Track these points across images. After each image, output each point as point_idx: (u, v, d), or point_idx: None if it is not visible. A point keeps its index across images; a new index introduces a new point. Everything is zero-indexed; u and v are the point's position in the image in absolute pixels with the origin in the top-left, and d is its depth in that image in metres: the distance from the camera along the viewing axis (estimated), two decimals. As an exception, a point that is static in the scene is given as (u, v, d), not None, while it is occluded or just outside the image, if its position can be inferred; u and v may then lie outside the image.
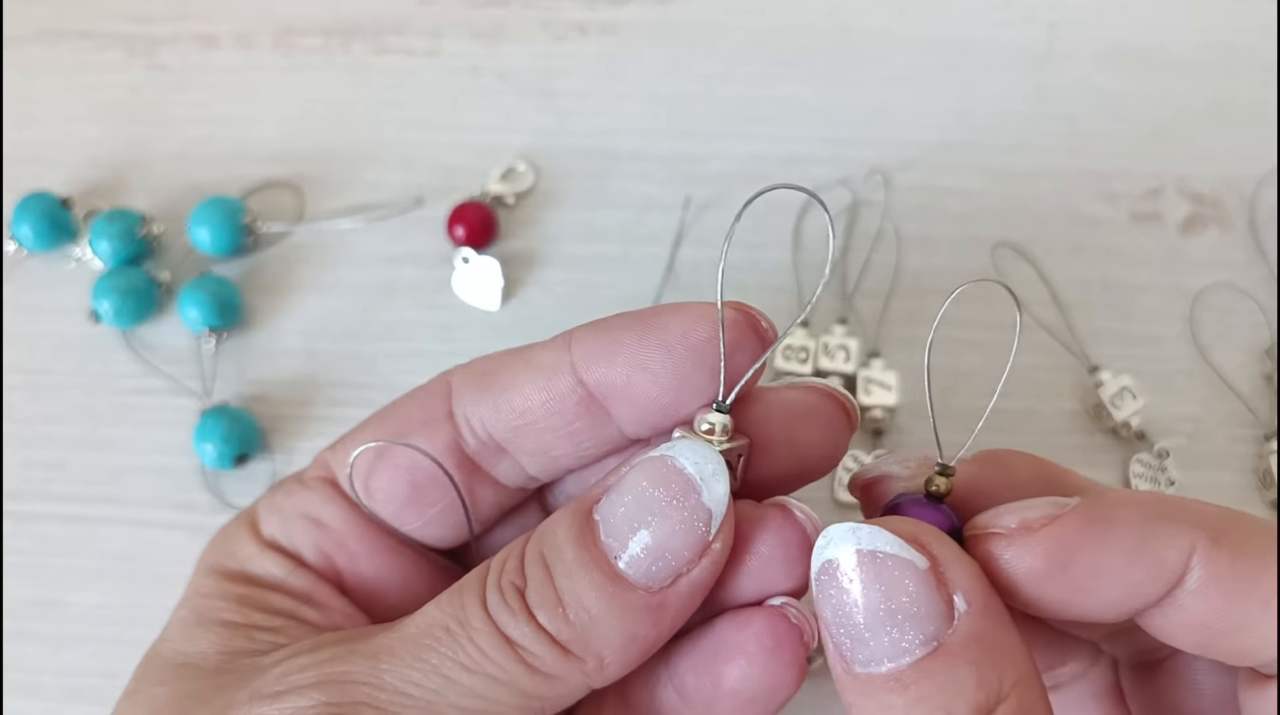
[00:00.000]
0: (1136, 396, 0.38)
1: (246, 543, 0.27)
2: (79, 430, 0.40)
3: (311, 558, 0.27)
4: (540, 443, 0.26)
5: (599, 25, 0.47)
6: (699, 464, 0.23)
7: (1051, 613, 0.22)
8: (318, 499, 0.27)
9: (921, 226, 0.42)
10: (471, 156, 0.44)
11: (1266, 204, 0.42)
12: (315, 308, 0.42)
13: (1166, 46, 0.46)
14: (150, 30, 0.47)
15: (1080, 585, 0.21)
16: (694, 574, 0.23)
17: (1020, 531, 0.21)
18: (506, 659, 0.22)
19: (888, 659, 0.20)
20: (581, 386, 0.24)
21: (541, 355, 0.25)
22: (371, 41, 0.47)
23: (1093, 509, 0.22)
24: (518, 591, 0.23)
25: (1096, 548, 0.21)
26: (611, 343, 0.24)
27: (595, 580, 0.22)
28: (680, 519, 0.22)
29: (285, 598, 0.26)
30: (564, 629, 0.22)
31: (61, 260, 0.43)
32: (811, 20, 0.47)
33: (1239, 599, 0.21)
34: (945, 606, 0.21)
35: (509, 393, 0.25)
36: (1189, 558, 0.21)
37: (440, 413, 0.26)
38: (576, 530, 0.23)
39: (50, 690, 0.36)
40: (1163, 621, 0.22)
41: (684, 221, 0.43)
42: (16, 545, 0.38)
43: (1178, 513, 0.21)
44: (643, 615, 0.22)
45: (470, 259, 0.42)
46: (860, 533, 0.21)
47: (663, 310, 0.24)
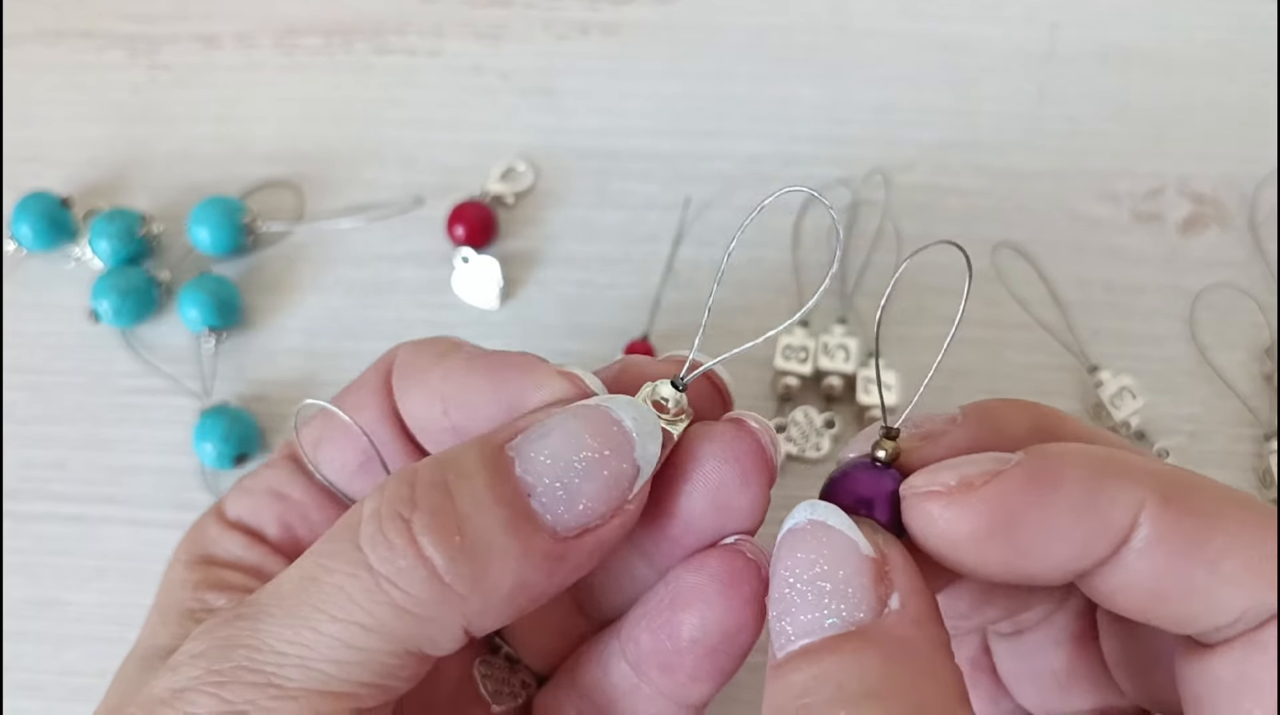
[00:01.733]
0: (1136, 396, 0.38)
1: (212, 526, 0.28)
2: (79, 430, 0.40)
3: (273, 532, 0.27)
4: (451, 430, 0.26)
5: (600, 25, 0.47)
6: (638, 421, 0.22)
7: (992, 576, 0.21)
8: (280, 474, 0.28)
9: (922, 226, 0.42)
10: (471, 156, 0.44)
11: (1267, 204, 0.42)
12: (315, 307, 0.42)
13: (1167, 47, 0.46)
14: (151, 30, 0.47)
15: (1023, 547, 0.20)
16: (602, 530, 0.22)
17: (960, 490, 0.20)
18: (375, 600, 0.21)
19: (805, 634, 0.20)
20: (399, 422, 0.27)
21: (362, 396, 0.27)
22: (373, 41, 0.47)
23: (1037, 465, 0.20)
24: (401, 520, 0.21)
25: (1041, 506, 0.20)
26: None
27: (504, 512, 0.21)
28: (608, 468, 0.21)
29: (239, 574, 0.26)
30: (455, 559, 0.21)
31: (61, 260, 0.43)
32: (812, 20, 0.47)
33: (1185, 560, 0.20)
34: (877, 601, 0.20)
35: (405, 405, 0.27)
36: (1136, 515, 0.20)
37: (381, 387, 0.27)
38: (488, 458, 0.22)
39: (50, 690, 0.36)
40: (1103, 584, 0.21)
41: (684, 221, 0.43)
42: (16, 545, 0.38)
43: (1126, 469, 0.20)
44: (541, 561, 0.21)
45: (470, 258, 0.42)
46: (817, 507, 0.21)
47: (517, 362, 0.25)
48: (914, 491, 0.21)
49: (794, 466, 0.39)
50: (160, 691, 0.22)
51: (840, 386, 0.39)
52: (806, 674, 0.19)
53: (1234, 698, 0.20)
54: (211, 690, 0.21)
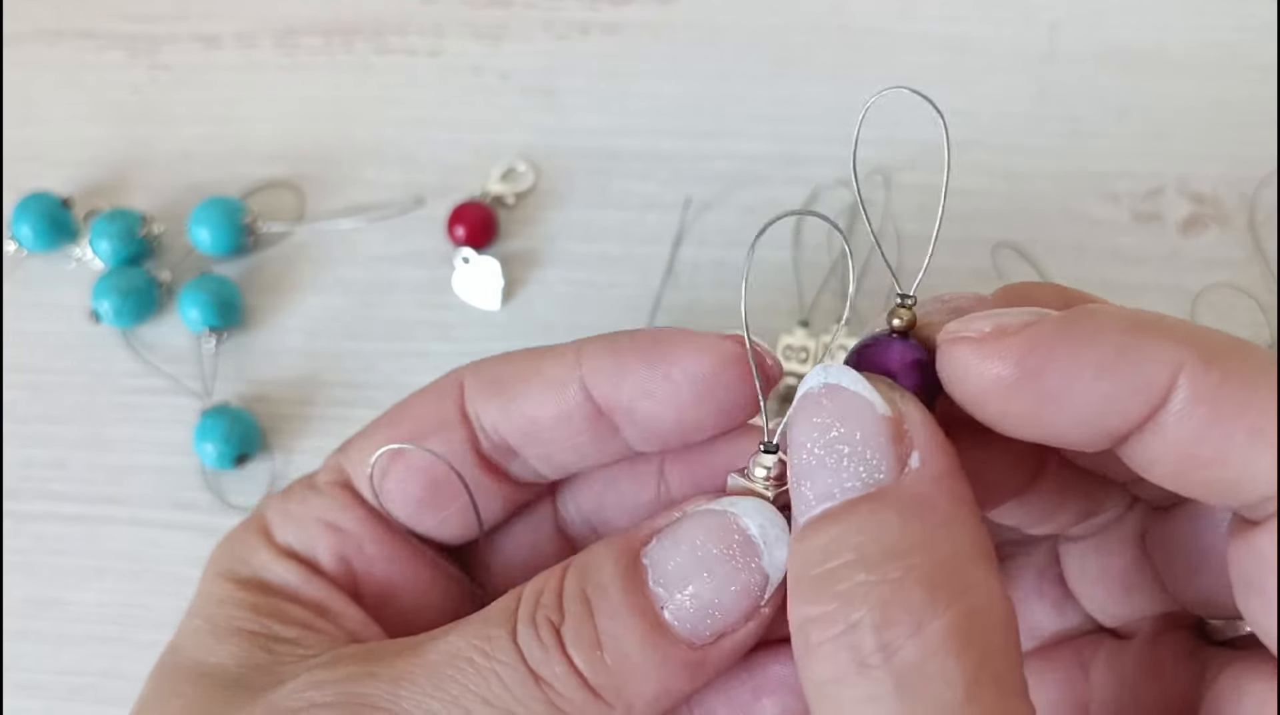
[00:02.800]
0: (1137, 396, 0.38)
1: (260, 549, 0.27)
2: (79, 430, 0.40)
3: (328, 564, 0.26)
4: (548, 449, 0.25)
5: (601, 25, 0.47)
6: (764, 527, 0.22)
7: (1023, 430, 0.20)
8: (333, 504, 0.27)
9: (922, 226, 0.42)
10: (472, 156, 0.44)
11: (1267, 204, 0.42)
12: (315, 307, 0.42)
13: (1167, 47, 0.46)
14: (151, 30, 0.47)
15: (1052, 397, 0.19)
16: (739, 635, 0.22)
17: (994, 335, 0.20)
18: (532, 696, 0.21)
19: (825, 499, 0.20)
20: (590, 402, 0.24)
21: (551, 366, 0.25)
22: (373, 41, 0.47)
23: (1075, 315, 0.20)
24: (552, 627, 0.22)
25: (1073, 354, 0.19)
26: (619, 365, 0.24)
27: (639, 627, 0.21)
28: (737, 580, 0.22)
29: (301, 608, 0.26)
30: (599, 672, 0.21)
31: (62, 260, 0.43)
32: (813, 20, 0.47)
33: (1225, 424, 0.19)
34: (897, 461, 0.19)
35: (519, 401, 0.25)
36: (1175, 376, 0.19)
37: (454, 413, 0.26)
38: (623, 571, 0.22)
39: (50, 689, 0.36)
40: (1142, 450, 0.20)
41: (685, 221, 0.43)
42: (16, 545, 0.38)
43: (1166, 328, 0.19)
44: (680, 669, 0.22)
45: (470, 259, 0.42)
46: (830, 370, 0.21)
47: (672, 337, 0.24)
48: (948, 336, 0.21)
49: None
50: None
51: (840, 386, 0.39)
52: (825, 537, 0.19)
53: None
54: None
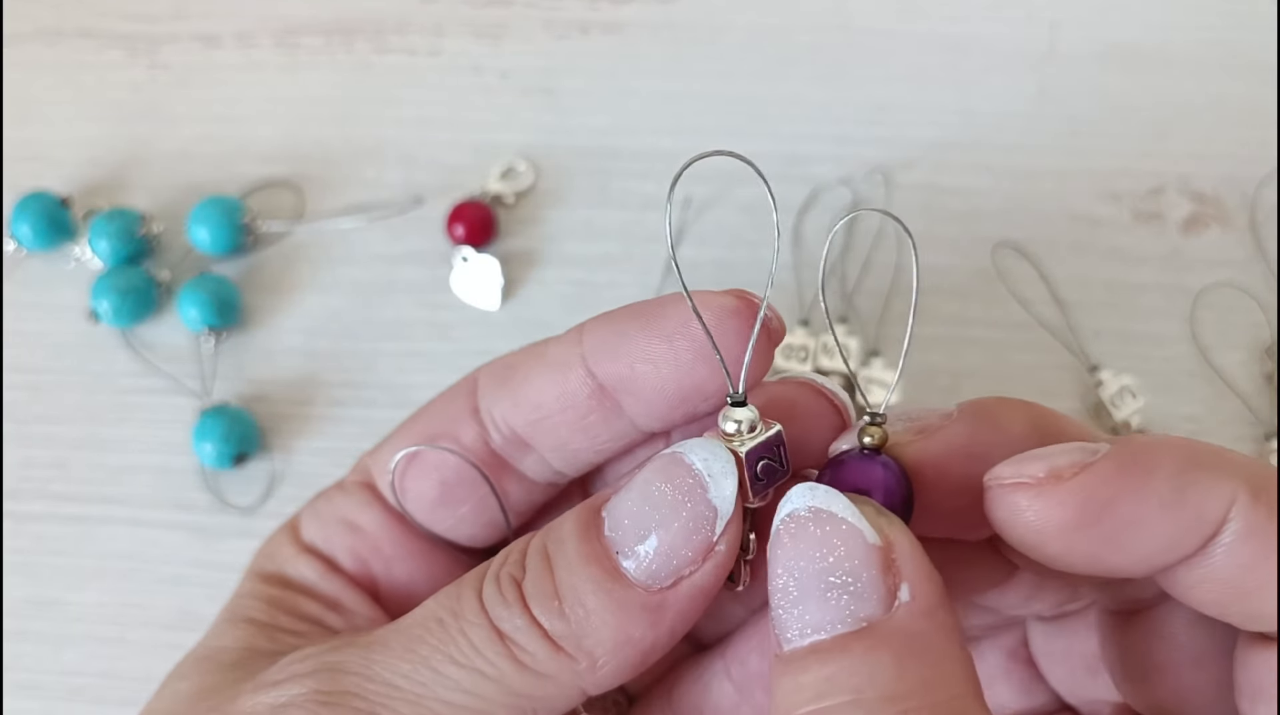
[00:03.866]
0: (1136, 396, 0.38)
1: (286, 546, 0.27)
2: (79, 430, 0.40)
3: (347, 562, 0.27)
4: (558, 437, 0.25)
5: (601, 24, 0.47)
6: (707, 460, 0.22)
7: (1078, 567, 0.21)
8: (355, 503, 0.27)
9: (923, 225, 0.42)
10: (471, 156, 0.44)
11: (1267, 204, 0.42)
12: (315, 307, 0.42)
13: (1168, 46, 0.46)
14: (151, 29, 0.47)
15: (1113, 538, 0.20)
16: (696, 576, 0.22)
17: (1049, 481, 0.20)
18: (497, 654, 0.22)
19: (812, 630, 0.19)
20: (593, 379, 0.24)
21: (554, 349, 0.25)
22: (373, 41, 0.47)
23: (1126, 455, 0.20)
24: (515, 583, 0.22)
25: (1133, 498, 0.20)
26: (617, 335, 0.24)
27: (594, 575, 0.22)
28: (685, 516, 0.21)
29: (314, 603, 0.26)
30: (558, 624, 0.21)
31: (61, 260, 0.43)
32: (813, 19, 0.47)
33: (1272, 557, 0.19)
34: (887, 593, 0.19)
35: (525, 387, 0.25)
36: (1228, 510, 0.19)
37: (466, 410, 0.26)
38: (581, 524, 0.22)
39: (50, 690, 0.36)
40: (1185, 577, 0.20)
41: (684, 221, 0.43)
42: (16, 545, 0.38)
43: (1217, 461, 0.20)
44: (640, 615, 0.22)
45: (470, 258, 0.42)
46: (817, 491, 0.20)
47: (666, 300, 0.24)
48: (1000, 482, 0.21)
49: (794, 466, 0.39)
50: (258, 707, 0.22)
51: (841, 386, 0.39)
52: (818, 675, 0.19)
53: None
54: (314, 711, 0.21)
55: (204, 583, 0.37)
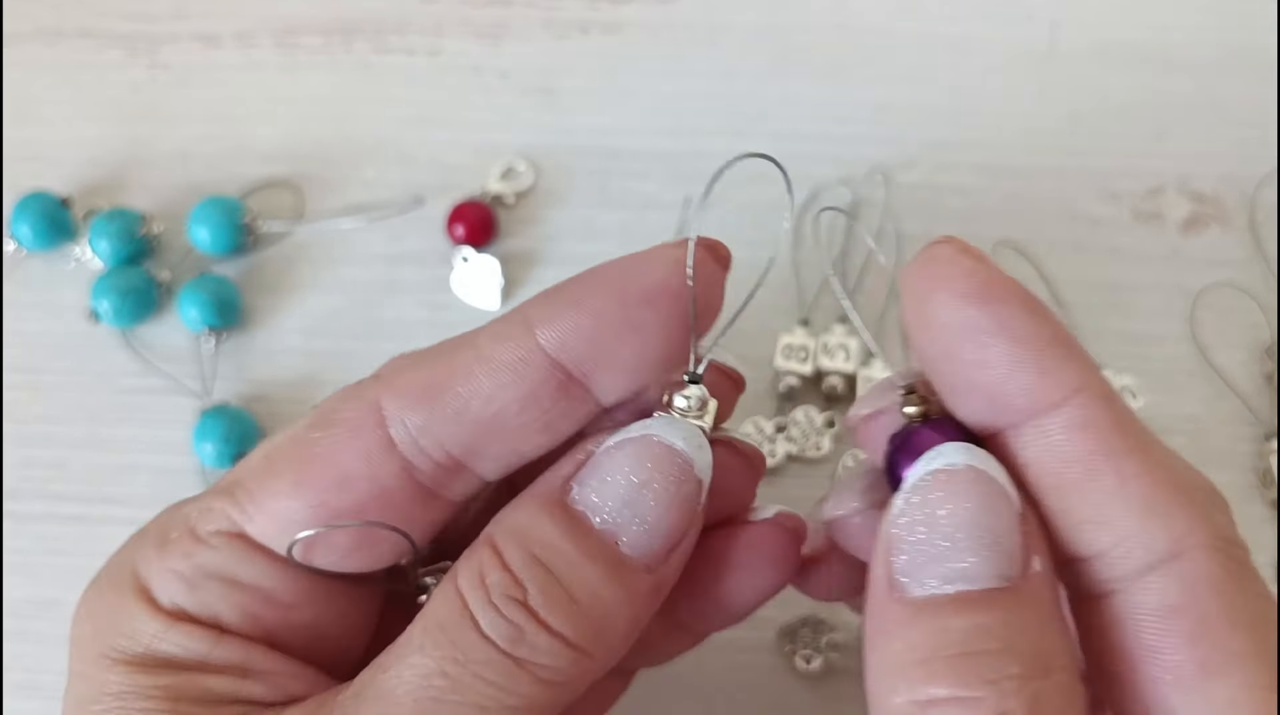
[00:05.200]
0: (1137, 396, 0.38)
1: (144, 617, 0.23)
2: (79, 430, 0.40)
3: (235, 621, 0.23)
4: (511, 443, 0.23)
5: (601, 24, 0.47)
6: (688, 439, 0.23)
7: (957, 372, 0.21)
8: (229, 558, 0.23)
9: (922, 225, 0.42)
10: (471, 156, 0.44)
11: (1267, 203, 0.42)
12: (315, 307, 0.42)
13: (1168, 46, 0.46)
14: (151, 29, 0.47)
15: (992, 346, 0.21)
16: (684, 544, 0.23)
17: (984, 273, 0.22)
18: (520, 681, 0.21)
19: (962, 580, 0.20)
20: (559, 369, 0.23)
21: (498, 349, 0.23)
22: (373, 41, 0.47)
23: (1036, 302, 0.22)
24: (518, 604, 0.21)
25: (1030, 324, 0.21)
26: (580, 313, 0.23)
27: (603, 568, 0.21)
28: (680, 495, 0.22)
29: (221, 678, 0.22)
30: (580, 625, 0.21)
31: (61, 260, 0.43)
32: (813, 18, 0.47)
33: (1099, 458, 0.20)
34: (1025, 559, 0.20)
35: (471, 402, 0.22)
36: (1073, 392, 0.20)
37: (378, 446, 0.23)
38: (564, 523, 0.22)
39: (50, 690, 0.36)
40: (1031, 443, 0.21)
41: (684, 221, 0.43)
42: (16, 545, 0.38)
43: (1080, 360, 0.21)
44: (647, 595, 0.22)
45: (470, 258, 0.42)
46: (977, 453, 0.21)
47: (625, 264, 0.24)
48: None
49: (794, 466, 0.39)
50: None
51: (841, 386, 0.39)
52: (968, 622, 0.19)
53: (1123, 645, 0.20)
54: None
55: (204, 583, 0.37)
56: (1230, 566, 0.20)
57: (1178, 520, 0.20)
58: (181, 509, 0.25)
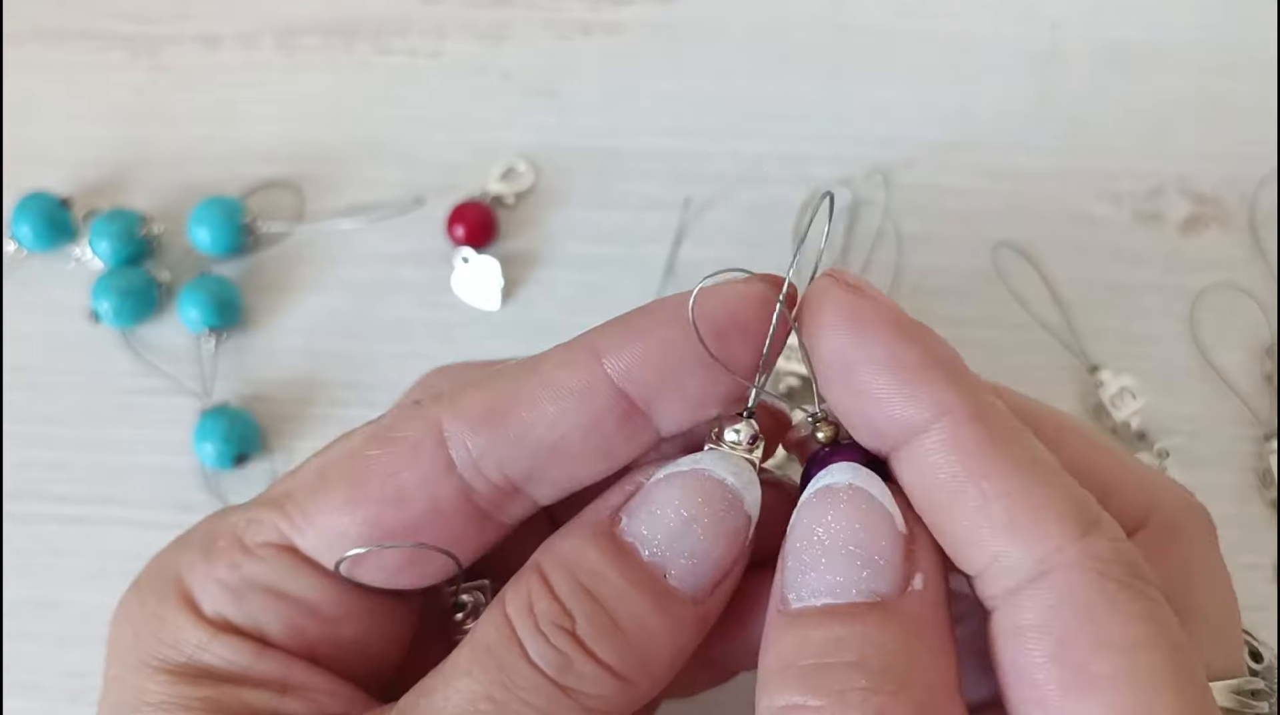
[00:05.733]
0: (1136, 396, 0.38)
1: (189, 627, 0.23)
2: (79, 430, 0.40)
3: (278, 634, 0.23)
4: (570, 469, 0.23)
5: (602, 25, 0.47)
6: (738, 474, 0.23)
7: (838, 383, 0.22)
8: (276, 570, 0.23)
9: (922, 226, 0.42)
10: (472, 156, 0.44)
11: (1267, 204, 0.42)
12: (315, 307, 0.42)
13: (1168, 46, 0.46)
14: (151, 30, 0.47)
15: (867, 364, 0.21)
16: (730, 579, 0.23)
17: (868, 293, 0.22)
18: (565, 709, 0.21)
19: (829, 594, 0.20)
20: (623, 399, 0.23)
21: (564, 375, 0.23)
22: (374, 41, 0.47)
23: (908, 321, 0.22)
24: (565, 632, 0.21)
25: (896, 344, 0.21)
26: (651, 344, 0.23)
27: (650, 601, 0.22)
28: (727, 530, 0.22)
29: (260, 692, 0.23)
30: (626, 656, 0.21)
31: (61, 260, 0.43)
32: (813, 19, 0.47)
33: (964, 481, 0.20)
34: (903, 577, 0.20)
35: (535, 427, 0.23)
36: (936, 416, 0.21)
37: (438, 467, 0.23)
38: (613, 553, 0.22)
39: (50, 690, 0.36)
40: (908, 467, 0.21)
41: (684, 221, 0.43)
42: (16, 545, 0.38)
43: (947, 375, 0.21)
44: (692, 626, 0.22)
45: (470, 259, 0.42)
46: (859, 472, 0.21)
47: (700, 297, 0.23)
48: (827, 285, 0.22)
49: (794, 467, 0.39)
50: None
51: (840, 386, 0.39)
52: (828, 633, 0.20)
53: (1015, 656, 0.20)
54: None
55: (204, 583, 0.37)
56: (1104, 586, 0.19)
57: (1043, 539, 0.20)
58: (227, 518, 0.24)
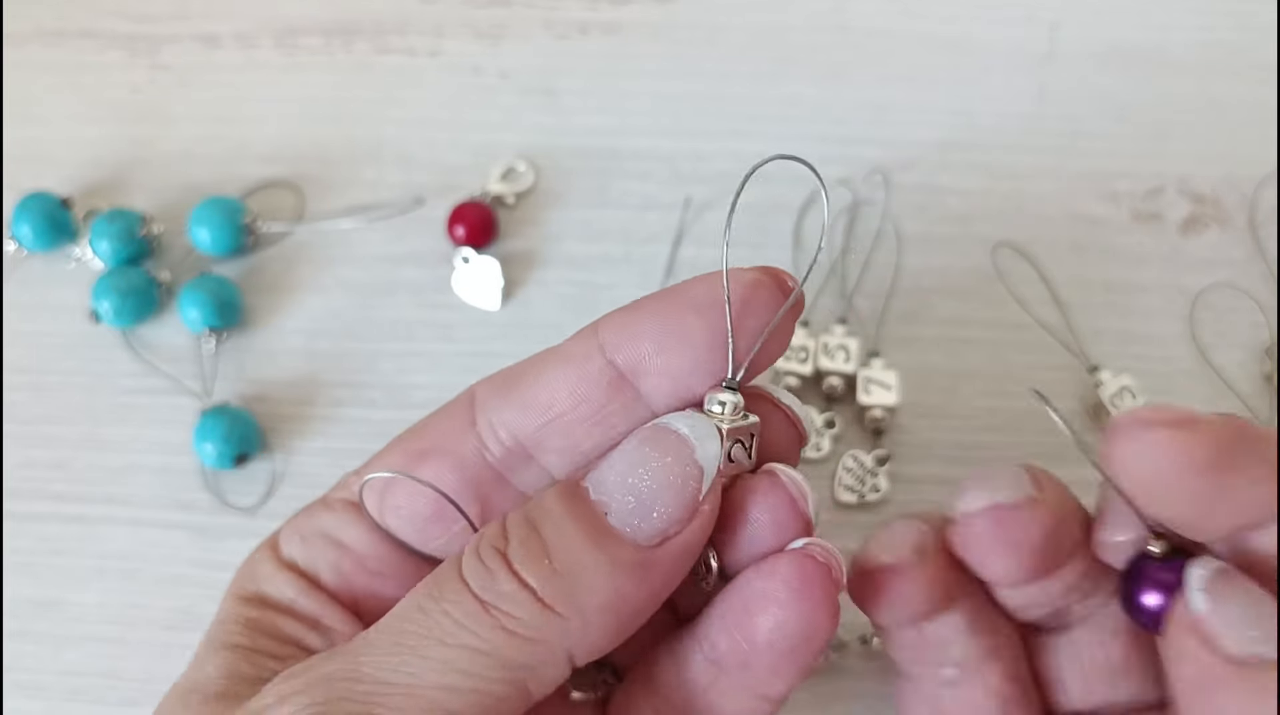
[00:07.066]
0: (1136, 396, 0.38)
1: (266, 563, 0.27)
2: (79, 430, 0.40)
3: (330, 579, 0.27)
4: (570, 437, 0.25)
5: (601, 25, 0.47)
6: (693, 426, 0.23)
7: (1177, 515, 0.23)
8: (339, 520, 0.27)
9: (922, 226, 0.42)
10: (471, 156, 0.44)
11: (1266, 204, 0.42)
12: (315, 307, 0.42)
13: (1167, 47, 0.46)
14: (151, 30, 0.47)
15: (1228, 488, 0.22)
16: (683, 535, 0.23)
17: (1185, 421, 0.22)
18: (483, 624, 0.22)
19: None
20: (611, 368, 0.24)
21: (568, 346, 0.25)
22: (373, 41, 0.47)
23: (1234, 421, 0.22)
24: (497, 552, 0.22)
25: (1253, 451, 0.22)
26: (637, 317, 0.24)
27: (584, 530, 0.22)
28: (673, 474, 0.23)
29: (295, 622, 0.26)
30: (548, 581, 0.22)
31: (61, 260, 0.43)
32: (813, 19, 0.47)
33: None
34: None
35: (535, 389, 0.25)
36: None
37: (462, 425, 0.26)
38: (565, 492, 0.23)
39: (50, 690, 0.36)
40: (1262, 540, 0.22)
41: (684, 221, 0.43)
42: (16, 545, 0.38)
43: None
44: (630, 571, 0.22)
45: (470, 258, 0.42)
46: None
47: (689, 281, 0.25)
48: (1133, 420, 0.22)
49: (794, 466, 0.39)
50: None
51: (841, 386, 0.39)
52: None
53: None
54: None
55: (204, 583, 0.37)
56: None
57: None
58: (338, 482, 0.28)
